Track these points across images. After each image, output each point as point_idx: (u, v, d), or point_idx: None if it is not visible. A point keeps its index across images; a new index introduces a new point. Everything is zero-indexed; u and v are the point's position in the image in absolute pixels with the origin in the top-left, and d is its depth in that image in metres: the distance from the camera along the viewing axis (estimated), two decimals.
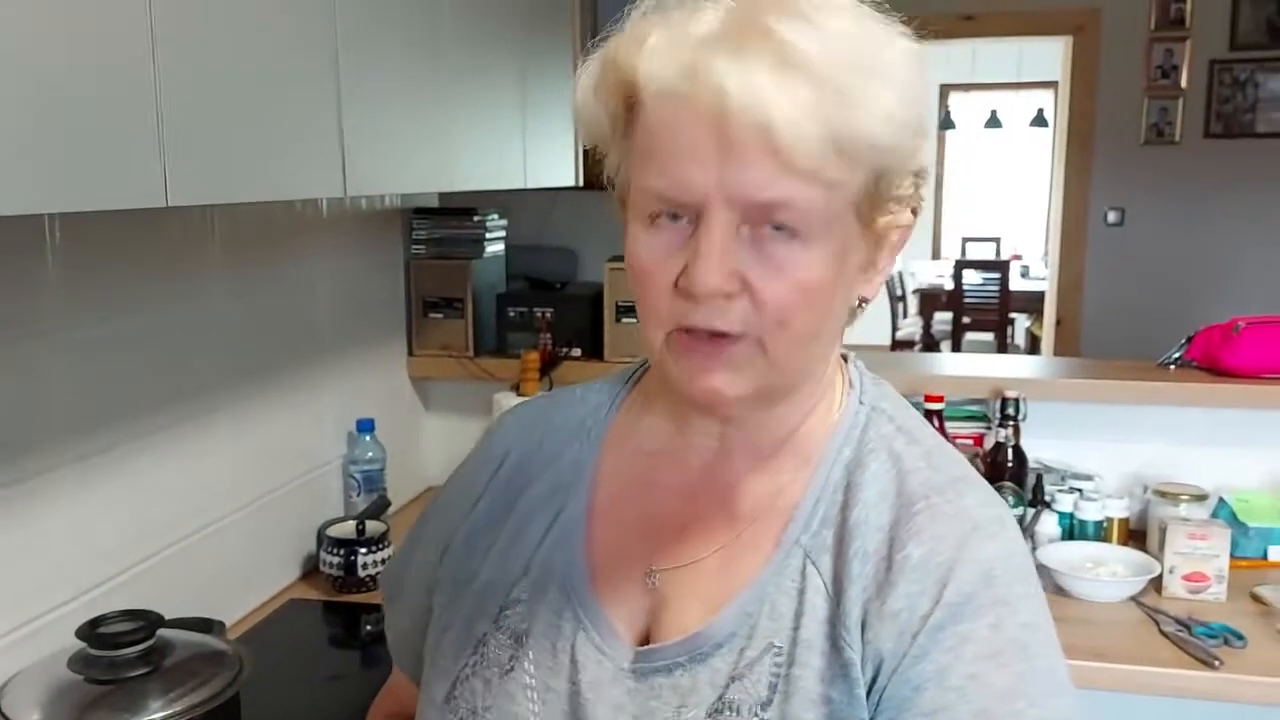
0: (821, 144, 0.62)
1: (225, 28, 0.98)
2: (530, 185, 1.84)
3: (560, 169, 2.01)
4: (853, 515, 0.71)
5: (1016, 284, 5.99)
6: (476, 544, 0.80)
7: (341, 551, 1.68)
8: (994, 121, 7.67)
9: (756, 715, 0.67)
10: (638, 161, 0.67)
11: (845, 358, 0.79)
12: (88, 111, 0.81)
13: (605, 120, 0.68)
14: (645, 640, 0.73)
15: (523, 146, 1.81)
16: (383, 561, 1.70)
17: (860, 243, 0.69)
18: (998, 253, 7.47)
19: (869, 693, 0.66)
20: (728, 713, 0.68)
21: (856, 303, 0.73)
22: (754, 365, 0.67)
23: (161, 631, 1.13)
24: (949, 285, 5.95)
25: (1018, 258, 6.79)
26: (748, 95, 0.61)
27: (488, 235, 2.20)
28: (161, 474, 1.43)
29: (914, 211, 0.72)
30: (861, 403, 0.76)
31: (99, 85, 0.82)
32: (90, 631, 1.10)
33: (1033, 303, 5.80)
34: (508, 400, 1.96)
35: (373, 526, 1.72)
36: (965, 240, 7.74)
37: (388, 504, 1.82)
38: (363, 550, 1.68)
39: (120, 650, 1.09)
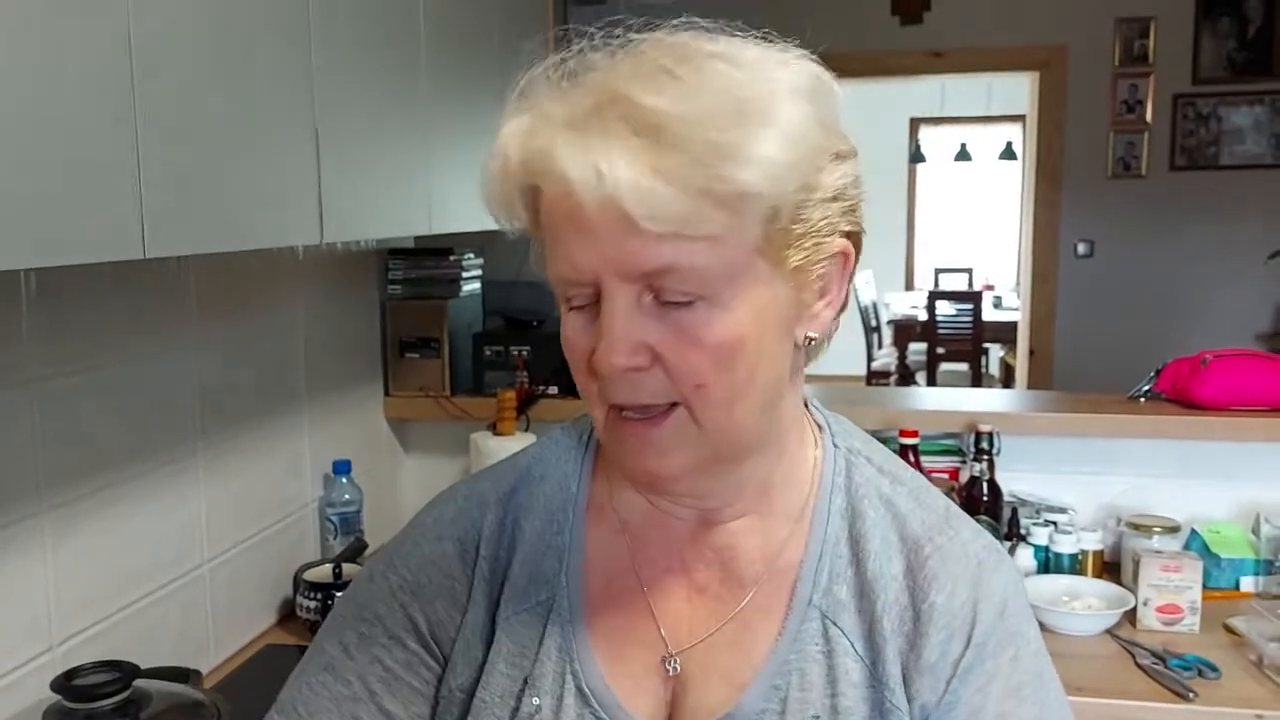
0: (683, 206, 0.61)
1: (204, 81, 0.99)
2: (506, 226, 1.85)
3: None
4: (868, 570, 0.71)
5: (989, 314, 6.05)
6: (474, 650, 0.74)
7: (318, 595, 1.67)
8: (964, 155, 7.78)
9: None
10: (547, 250, 0.67)
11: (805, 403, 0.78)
12: (67, 167, 0.82)
13: (514, 206, 0.68)
14: None
15: (483, 204, 1.82)
16: None
17: (780, 286, 0.66)
18: (970, 283, 7.55)
19: None
20: None
21: (805, 342, 0.70)
22: (687, 437, 0.66)
23: (138, 682, 1.12)
24: (923, 316, 6.01)
25: (990, 288, 6.86)
26: (589, 174, 0.60)
27: (464, 275, 2.20)
28: (137, 522, 1.42)
29: (849, 235, 0.69)
30: (836, 445, 0.76)
31: (80, 140, 0.83)
32: (65, 683, 1.09)
33: (1006, 333, 5.86)
34: (485, 440, 1.96)
35: (350, 569, 1.71)
36: (938, 271, 7.82)
37: (365, 546, 1.82)
38: (339, 594, 1.67)
39: (96, 702, 1.08)
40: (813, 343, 0.71)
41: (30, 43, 0.77)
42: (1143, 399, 2.01)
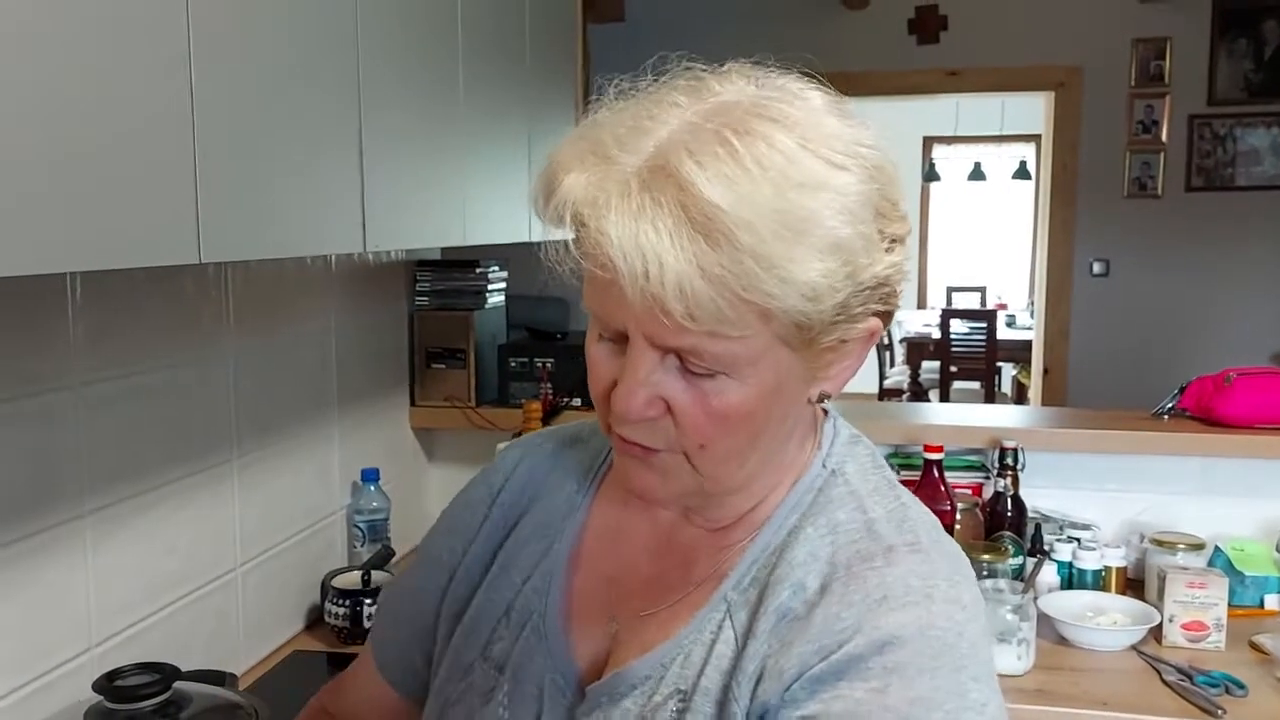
0: (720, 308, 0.61)
1: (258, 94, 1.01)
2: (536, 239, 1.87)
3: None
4: (777, 571, 0.71)
5: (1003, 333, 6.06)
6: (472, 577, 0.84)
7: (346, 602, 1.68)
8: (977, 174, 7.80)
9: None
10: (585, 282, 0.67)
11: (826, 412, 0.79)
12: (126, 172, 0.83)
13: (560, 231, 0.68)
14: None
15: (529, 202, 1.85)
16: None
17: (801, 363, 0.68)
18: (983, 302, 7.56)
19: None
20: None
21: (816, 398, 0.72)
22: (681, 473, 0.70)
23: (178, 684, 1.13)
24: (936, 334, 6.01)
25: (1003, 307, 6.87)
26: (636, 264, 0.60)
27: (489, 287, 2.23)
28: (174, 527, 1.43)
29: (882, 315, 0.69)
30: (824, 466, 0.76)
31: (140, 146, 0.85)
32: (107, 684, 1.10)
33: (1019, 351, 5.86)
34: None
35: (377, 576, 1.72)
36: (951, 290, 7.83)
37: (392, 553, 1.83)
38: (368, 601, 1.68)
39: (138, 703, 1.09)
40: (824, 398, 0.73)
41: (93, 49, 0.79)
42: (1166, 416, 2.01)
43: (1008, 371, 6.39)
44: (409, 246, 1.38)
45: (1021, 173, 7.50)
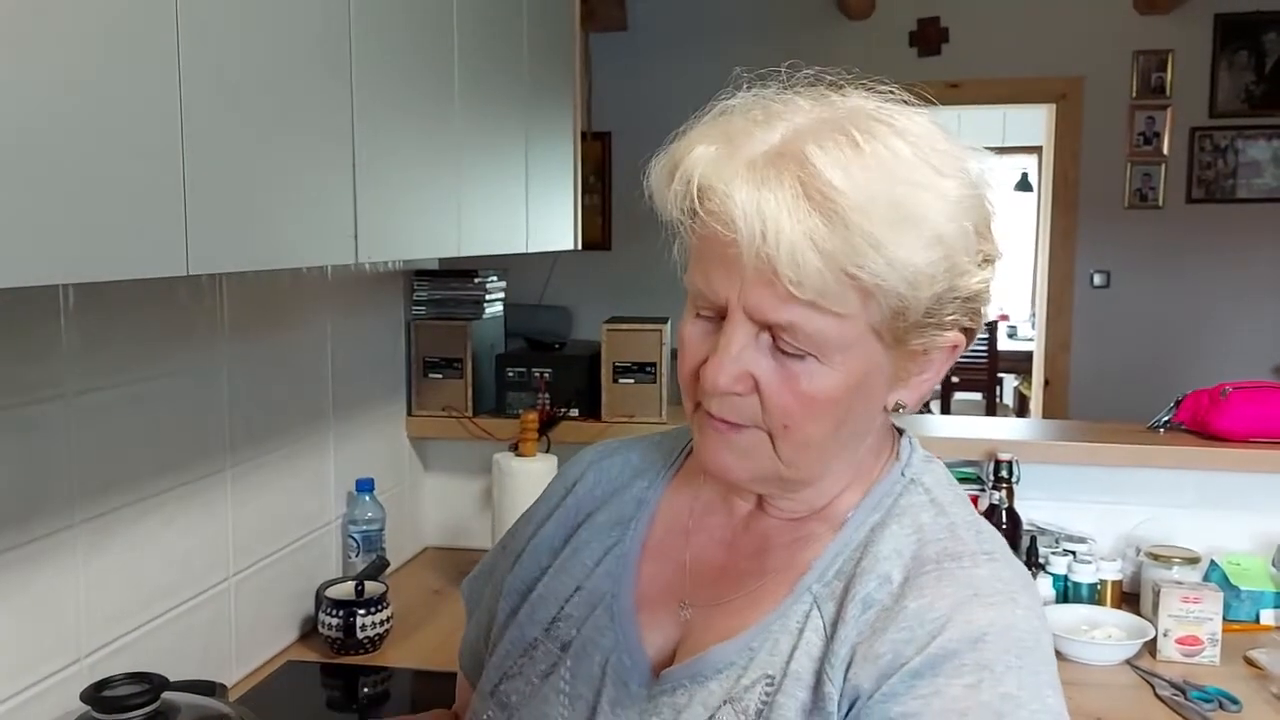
0: (826, 281, 0.66)
1: (249, 104, 1.01)
2: (532, 249, 1.88)
3: (560, 233, 2.05)
4: (862, 563, 0.74)
5: (1004, 344, 6.05)
6: (540, 558, 0.88)
7: (340, 613, 1.68)
8: None
9: None
10: (691, 259, 0.73)
11: (901, 431, 0.83)
12: (113, 184, 0.84)
13: (674, 210, 0.73)
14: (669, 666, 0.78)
15: (525, 213, 1.85)
16: (382, 622, 1.70)
17: (888, 361, 0.72)
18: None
19: None
20: None
21: (892, 406, 0.76)
22: (760, 454, 0.74)
23: (166, 694, 1.13)
24: None
25: (1005, 318, 6.86)
26: (756, 224, 0.66)
27: (487, 296, 2.23)
28: (167, 537, 1.43)
29: (966, 331, 0.74)
30: (903, 475, 0.79)
31: (127, 157, 0.85)
32: (95, 695, 1.10)
33: (1020, 363, 5.85)
34: (507, 460, 1.97)
35: (371, 587, 1.72)
36: None
37: (386, 564, 1.83)
38: (361, 611, 1.68)
39: (125, 714, 1.09)
40: (900, 408, 0.77)
41: (79, 57, 0.79)
42: (1162, 429, 2.01)
43: (1009, 383, 6.38)
44: (402, 257, 1.38)
45: (1023, 184, 7.50)
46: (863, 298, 0.68)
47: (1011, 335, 6.46)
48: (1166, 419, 2.02)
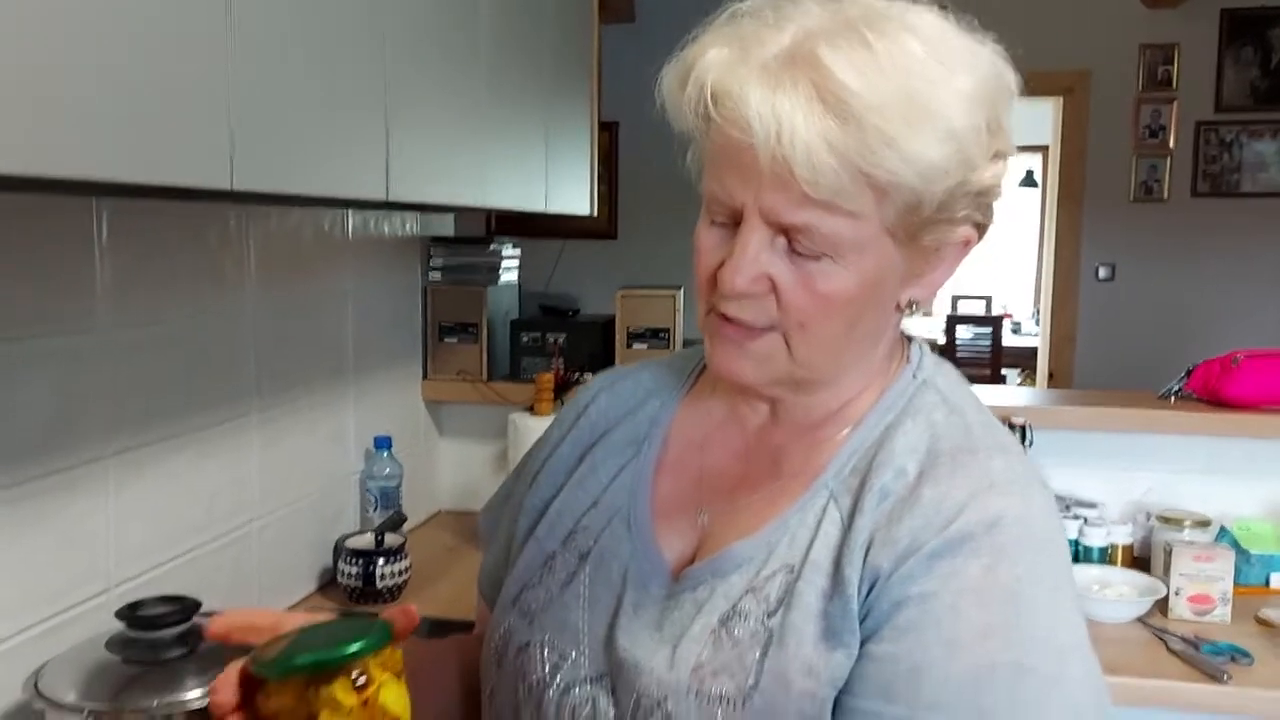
0: (840, 180, 0.67)
1: (293, 29, 1.04)
2: (551, 210, 1.90)
3: (577, 199, 2.07)
4: (878, 458, 0.75)
5: (1008, 339, 6.07)
6: (556, 477, 0.89)
7: (360, 561, 1.69)
8: None
9: (762, 622, 0.72)
10: (706, 165, 0.74)
11: (910, 339, 0.84)
12: (165, 86, 0.85)
13: (688, 115, 0.74)
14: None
15: (545, 174, 1.88)
16: (401, 572, 1.71)
17: (901, 259, 0.73)
18: (988, 310, 7.56)
19: (860, 608, 0.71)
20: (737, 619, 0.73)
21: (906, 303, 0.77)
22: (776, 359, 0.75)
23: (198, 617, 1.15)
24: (941, 340, 6.02)
25: (1008, 316, 6.88)
26: (771, 126, 0.66)
27: (503, 264, 2.25)
28: (194, 476, 1.45)
29: (978, 227, 0.76)
30: (915, 377, 0.81)
31: (178, 63, 0.87)
32: (130, 613, 1.11)
33: (1024, 358, 5.88)
34: (523, 419, 1.99)
35: (390, 539, 1.74)
36: (956, 298, 7.83)
37: (404, 518, 1.84)
38: (381, 560, 1.70)
39: (159, 631, 1.11)
40: (914, 306, 0.78)
41: None
42: (1173, 398, 2.03)
43: (1013, 378, 6.40)
44: (430, 200, 1.40)
45: (1029, 181, 7.53)
46: (877, 196, 0.68)
47: (1015, 331, 6.48)
48: (1177, 388, 2.04)
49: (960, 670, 0.67)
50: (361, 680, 0.66)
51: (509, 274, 2.29)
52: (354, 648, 0.67)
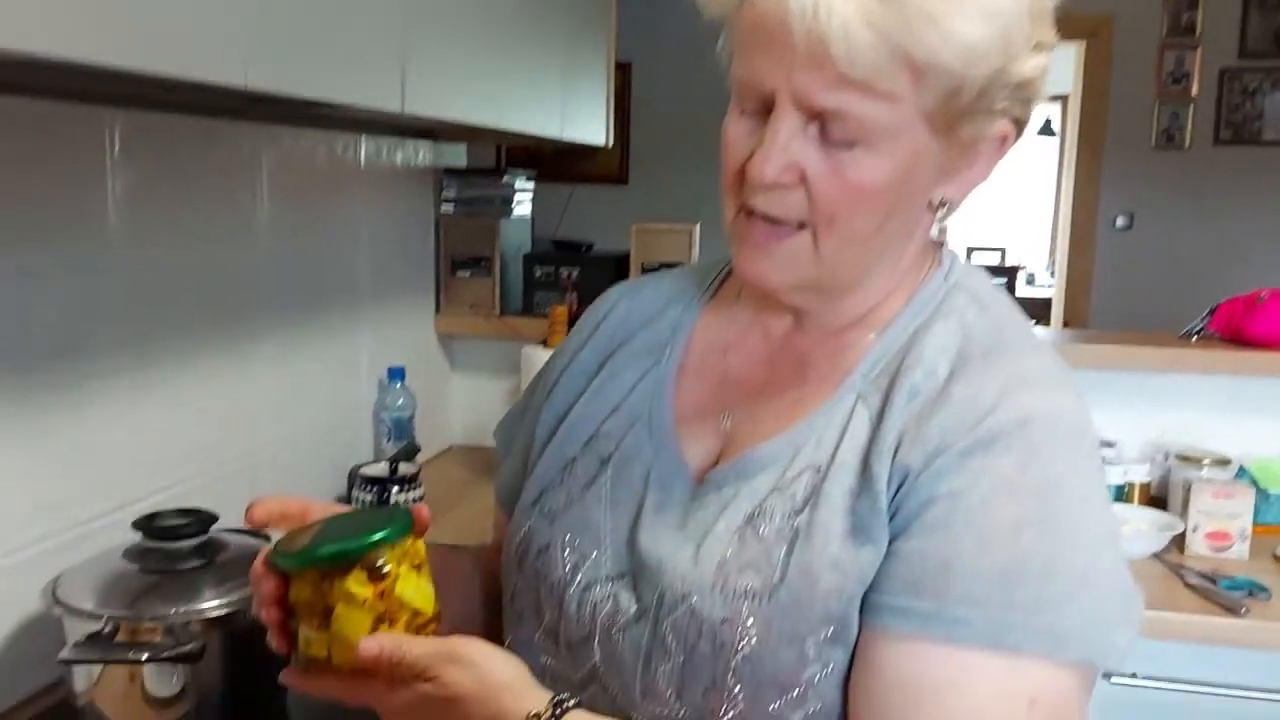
0: (879, 58, 0.64)
1: None
2: (566, 137, 1.87)
3: (593, 128, 2.04)
4: (907, 359, 0.74)
5: (1022, 290, 6.02)
6: (576, 384, 0.87)
7: (374, 489, 1.69)
8: None
9: (788, 520, 0.71)
10: (737, 51, 0.72)
11: (941, 245, 0.81)
12: None
13: (721, 2, 0.72)
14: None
15: (561, 101, 1.85)
16: (415, 500, 1.71)
17: (936, 151, 0.71)
18: (1002, 261, 7.51)
19: (889, 505, 0.69)
20: (762, 518, 0.72)
21: (939, 203, 0.75)
22: (801, 259, 0.73)
23: (215, 531, 1.14)
24: None
25: (1023, 268, 6.82)
26: (808, 6, 0.64)
27: (516, 196, 2.22)
28: (207, 396, 1.44)
29: (1016, 123, 0.73)
30: (946, 280, 0.79)
31: None
32: (147, 523, 1.11)
33: (1038, 309, 5.81)
34: (537, 353, 1.97)
35: (405, 467, 1.73)
36: (970, 250, 7.77)
37: (418, 449, 1.83)
38: (395, 488, 1.69)
39: (175, 542, 1.10)
40: (945, 206, 0.76)
41: None
42: (1195, 337, 2.00)
43: None
44: (446, 116, 1.37)
45: (1046, 129, 7.42)
46: (914, 78, 0.66)
47: (1030, 282, 6.43)
48: (1200, 327, 2.01)
49: (990, 565, 0.66)
50: (380, 570, 0.65)
51: (522, 207, 2.26)
52: (368, 539, 0.66)
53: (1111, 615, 0.68)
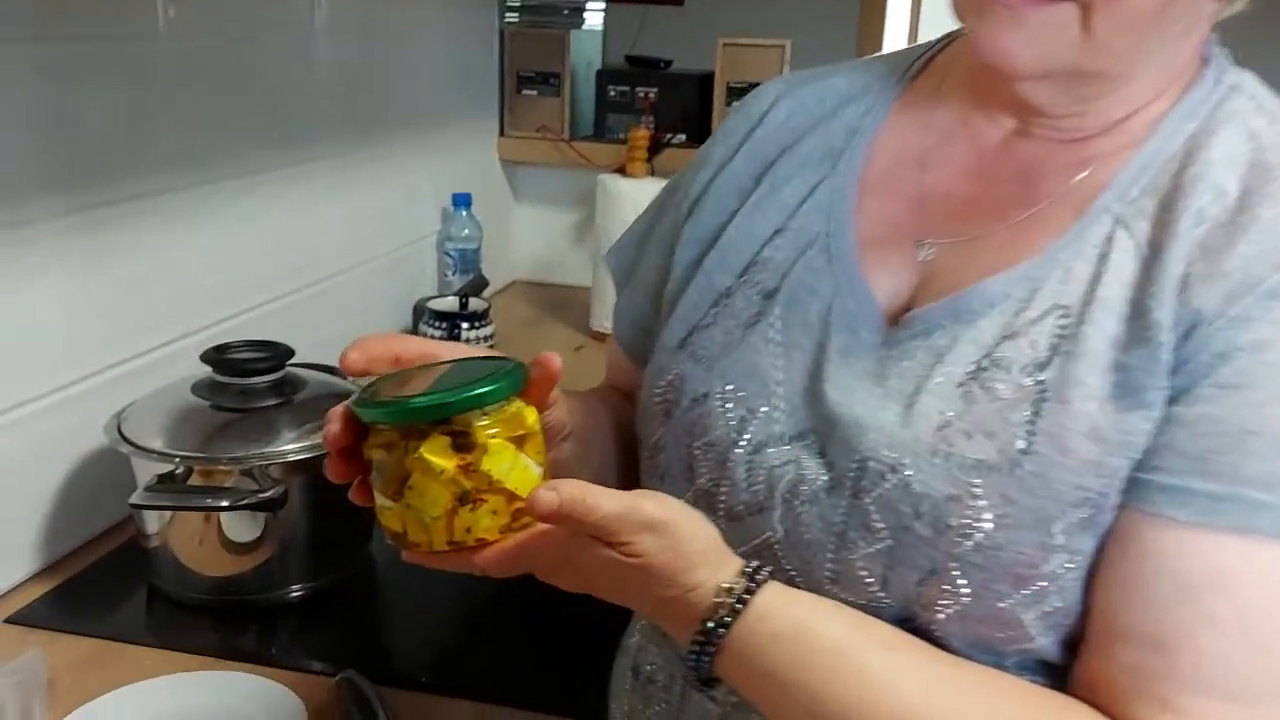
0: None
1: None
2: None
3: None
4: (1188, 174, 0.59)
5: None
6: (726, 200, 0.74)
7: (444, 324, 1.57)
8: None
9: (1031, 376, 0.57)
10: None
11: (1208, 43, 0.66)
12: None
13: None
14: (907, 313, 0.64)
15: None
16: (486, 338, 1.60)
17: None
18: None
19: (1171, 359, 0.55)
20: (994, 370, 0.58)
21: None
22: (1063, 38, 0.57)
23: (290, 367, 1.03)
24: None
25: None
26: None
27: (587, 5, 2.01)
28: (267, 221, 1.32)
29: None
30: (1219, 81, 0.63)
31: None
32: (217, 357, 1.00)
33: None
34: (614, 182, 1.81)
35: (475, 303, 1.61)
36: None
37: (486, 283, 1.70)
38: (465, 325, 1.57)
39: (249, 379, 0.99)
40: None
41: None
42: None
43: None
44: None
45: None
46: None
47: None
48: None
49: None
50: (467, 439, 0.52)
51: (594, 18, 2.05)
52: (454, 397, 0.52)
53: None
